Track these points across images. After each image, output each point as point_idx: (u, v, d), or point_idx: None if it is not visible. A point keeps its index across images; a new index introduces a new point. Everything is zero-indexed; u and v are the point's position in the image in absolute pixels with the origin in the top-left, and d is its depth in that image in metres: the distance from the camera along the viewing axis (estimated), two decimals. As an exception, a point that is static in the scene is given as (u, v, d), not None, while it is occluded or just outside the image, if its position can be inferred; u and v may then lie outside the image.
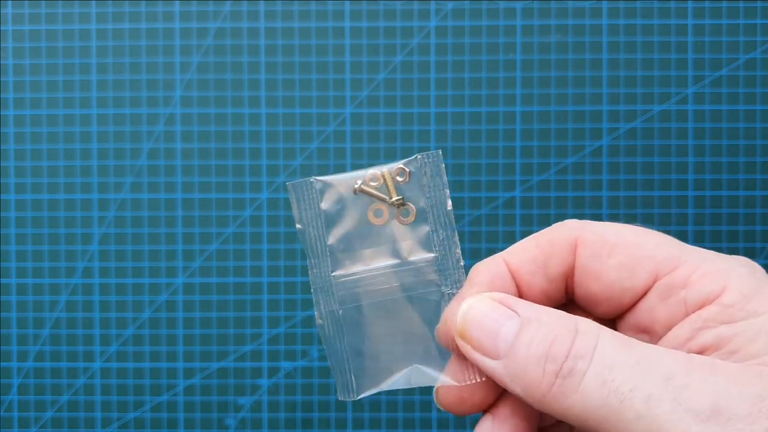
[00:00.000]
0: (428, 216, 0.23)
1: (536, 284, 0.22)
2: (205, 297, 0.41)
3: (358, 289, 0.23)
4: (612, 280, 0.22)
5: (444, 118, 0.41)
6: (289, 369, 0.41)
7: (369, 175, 0.24)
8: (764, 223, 0.40)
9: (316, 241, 0.23)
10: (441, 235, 0.23)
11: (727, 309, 0.20)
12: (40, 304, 0.41)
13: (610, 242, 0.22)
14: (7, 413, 0.41)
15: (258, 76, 0.41)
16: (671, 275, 0.21)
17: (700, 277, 0.21)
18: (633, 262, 0.22)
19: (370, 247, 0.23)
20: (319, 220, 0.23)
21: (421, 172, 0.23)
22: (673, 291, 0.21)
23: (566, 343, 0.20)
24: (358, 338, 0.23)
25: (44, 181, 0.41)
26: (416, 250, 0.23)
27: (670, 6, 0.41)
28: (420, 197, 0.23)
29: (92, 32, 0.41)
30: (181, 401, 0.41)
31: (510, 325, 0.21)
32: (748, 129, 0.40)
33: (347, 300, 0.23)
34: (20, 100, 0.41)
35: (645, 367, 0.19)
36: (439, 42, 0.41)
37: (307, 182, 0.23)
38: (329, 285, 0.23)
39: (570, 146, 0.41)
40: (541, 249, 0.23)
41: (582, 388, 0.19)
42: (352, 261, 0.23)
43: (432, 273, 0.23)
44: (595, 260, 0.22)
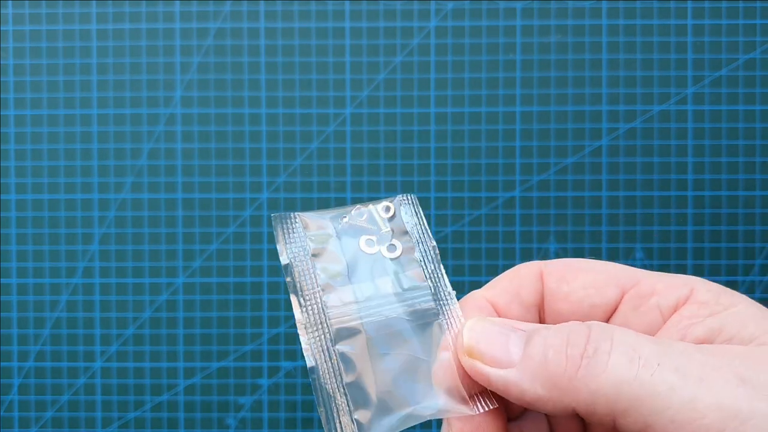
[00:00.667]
0: (415, 251, 0.23)
1: (514, 314, 0.23)
2: (205, 297, 0.41)
3: (354, 323, 0.22)
4: (580, 298, 0.22)
5: (444, 118, 0.41)
6: (289, 368, 0.41)
7: (356, 211, 0.23)
8: (763, 223, 0.40)
9: (305, 275, 0.22)
10: (430, 268, 0.23)
11: (704, 305, 0.21)
12: (40, 303, 0.41)
13: (572, 267, 0.23)
14: (7, 413, 0.41)
15: (258, 77, 0.41)
16: (636, 288, 0.22)
17: (666, 287, 0.22)
18: (598, 280, 0.22)
19: (362, 281, 0.23)
20: (307, 253, 0.22)
21: (401, 212, 0.24)
22: (643, 300, 0.22)
23: (583, 332, 0.20)
24: (356, 378, 0.22)
25: (45, 181, 0.41)
26: (409, 281, 0.23)
27: (669, 6, 0.41)
28: (406, 231, 0.23)
29: (92, 32, 0.41)
30: (181, 401, 0.41)
31: (518, 334, 0.21)
32: (747, 129, 0.40)
33: (343, 335, 0.22)
34: (21, 100, 0.41)
35: (665, 346, 0.19)
36: (439, 42, 0.41)
37: (292, 216, 0.23)
38: (322, 321, 0.22)
39: (570, 146, 0.41)
40: (511, 281, 0.23)
41: (611, 365, 0.19)
42: (344, 294, 0.22)
43: (429, 302, 0.23)
44: (561, 283, 0.23)
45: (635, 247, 0.40)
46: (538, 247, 0.41)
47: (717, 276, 0.40)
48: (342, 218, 0.23)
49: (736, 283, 0.40)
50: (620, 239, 0.40)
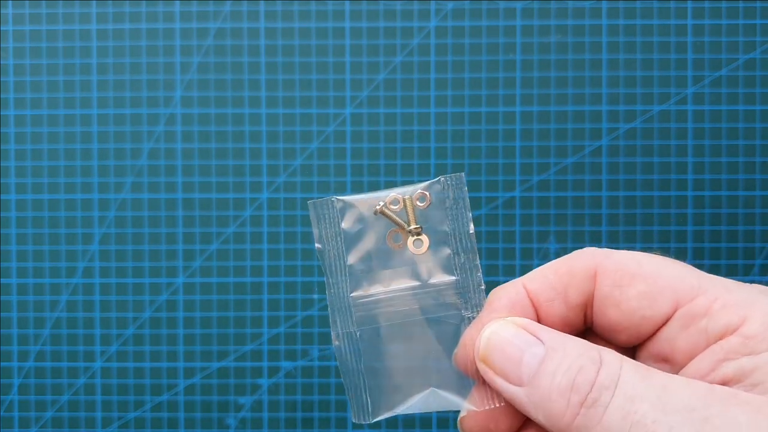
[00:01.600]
0: (450, 239, 0.23)
1: (555, 311, 0.22)
2: (205, 297, 0.41)
3: (376, 310, 0.23)
4: (632, 309, 0.22)
5: (444, 118, 0.41)
6: (289, 368, 0.41)
7: (390, 198, 0.23)
8: (763, 223, 0.40)
9: (335, 260, 0.23)
10: (462, 259, 0.23)
11: (748, 341, 0.20)
12: (40, 303, 0.41)
13: (630, 272, 0.22)
14: (7, 413, 0.41)
15: (258, 77, 0.41)
16: (691, 304, 0.21)
17: (721, 308, 0.21)
18: (653, 291, 0.22)
19: (390, 269, 0.23)
20: (339, 239, 0.23)
21: (443, 195, 0.23)
22: (693, 320, 0.21)
23: (591, 374, 0.20)
24: (375, 360, 0.23)
25: (45, 181, 0.41)
26: (437, 272, 0.23)
27: (669, 6, 0.41)
28: (442, 220, 0.23)
29: (93, 32, 0.41)
30: (181, 401, 0.41)
31: (533, 352, 0.21)
32: (747, 129, 0.40)
33: (365, 321, 0.23)
34: (21, 100, 0.41)
35: (667, 399, 0.19)
36: (438, 42, 0.41)
37: (328, 201, 0.23)
38: (347, 306, 0.23)
39: (569, 146, 0.41)
40: (560, 277, 0.23)
41: (605, 420, 0.19)
42: (371, 282, 0.23)
43: (452, 296, 0.23)
44: (615, 289, 0.22)
45: (635, 247, 0.40)
46: (538, 247, 0.41)
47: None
48: (377, 205, 0.23)
49: (736, 283, 0.40)
50: (620, 239, 0.40)
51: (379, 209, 0.23)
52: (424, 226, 0.23)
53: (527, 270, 0.41)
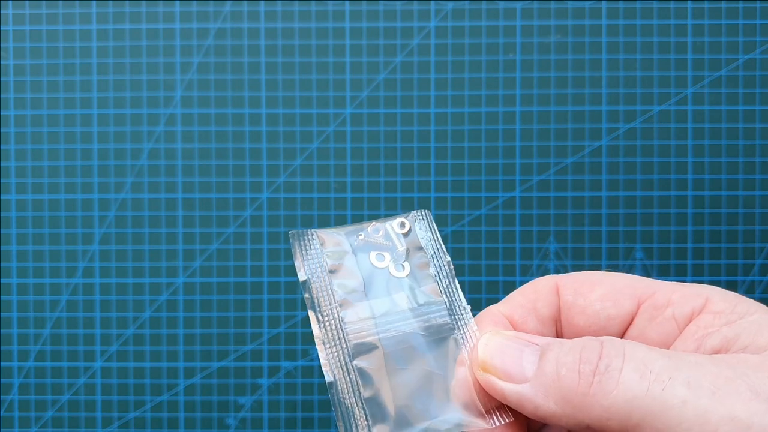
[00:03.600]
0: (430, 266, 0.23)
1: (530, 328, 0.23)
2: (205, 297, 0.41)
3: (371, 338, 0.22)
4: (597, 311, 0.23)
5: (444, 119, 0.41)
6: (289, 368, 0.41)
7: (371, 228, 0.23)
8: (763, 223, 0.40)
9: (322, 291, 0.22)
10: (445, 283, 0.23)
11: (719, 315, 0.21)
12: (40, 303, 0.41)
13: (588, 280, 0.23)
14: (7, 413, 0.41)
15: (258, 77, 0.41)
16: (652, 299, 0.22)
17: (681, 297, 0.22)
18: (614, 292, 0.23)
19: (378, 297, 0.23)
20: (324, 269, 0.23)
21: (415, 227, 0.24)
22: (658, 311, 0.22)
23: (596, 349, 0.20)
24: (375, 393, 0.22)
25: (45, 181, 0.41)
26: (425, 296, 0.23)
27: (669, 6, 0.41)
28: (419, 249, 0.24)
29: (93, 32, 0.41)
30: (181, 401, 0.41)
31: (532, 349, 0.21)
32: (747, 129, 0.40)
33: (361, 351, 0.22)
34: (21, 100, 0.41)
35: (676, 359, 0.19)
36: (438, 42, 0.41)
37: (309, 232, 0.23)
38: (341, 335, 0.22)
39: (569, 146, 0.41)
40: (526, 296, 0.24)
41: (622, 381, 0.19)
42: (361, 310, 0.23)
43: (445, 317, 0.23)
44: (577, 296, 0.23)
45: (635, 247, 0.41)
46: (538, 247, 0.41)
47: (717, 276, 0.40)
48: (358, 235, 0.23)
49: (735, 283, 0.40)
50: (620, 239, 0.41)
51: (362, 238, 0.23)
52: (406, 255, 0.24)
53: (527, 270, 0.41)
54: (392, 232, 0.24)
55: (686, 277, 0.40)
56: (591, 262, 0.41)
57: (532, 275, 0.41)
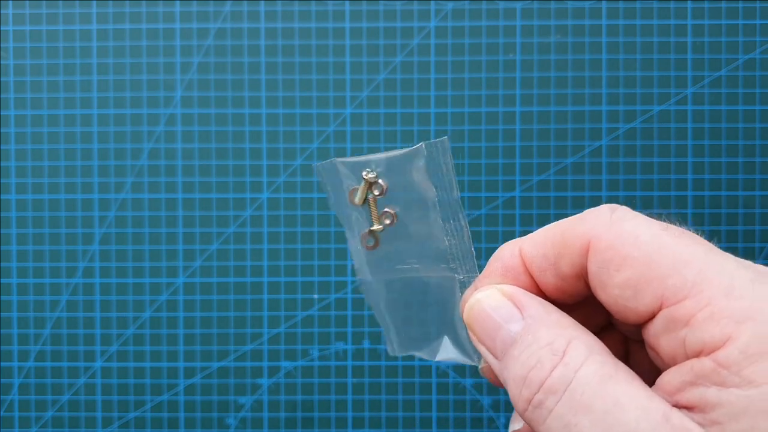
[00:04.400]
0: (436, 205, 0.23)
1: (549, 281, 0.21)
2: (205, 297, 0.41)
3: (384, 265, 0.24)
4: (615, 296, 0.20)
5: (444, 119, 0.41)
6: (289, 368, 0.41)
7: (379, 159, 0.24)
8: (763, 223, 0.40)
9: (346, 218, 0.24)
10: (450, 224, 0.23)
11: (720, 369, 0.18)
12: (41, 303, 0.41)
13: (620, 254, 0.19)
14: (7, 413, 0.41)
15: (258, 77, 0.41)
16: (677, 306, 0.18)
17: (705, 320, 0.18)
18: (640, 281, 0.19)
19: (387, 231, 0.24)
20: (346, 200, 0.24)
21: (428, 161, 0.23)
22: (675, 327, 0.19)
23: (544, 372, 0.19)
24: (393, 306, 0.24)
25: (45, 181, 0.41)
26: (432, 237, 0.24)
27: (669, 6, 0.41)
28: (428, 187, 0.23)
29: (93, 32, 0.41)
30: (181, 400, 0.41)
31: (509, 328, 0.21)
32: (747, 129, 0.40)
33: (378, 273, 0.24)
34: (21, 100, 0.41)
35: (612, 419, 0.18)
36: (438, 42, 0.41)
37: (332, 164, 0.23)
38: (362, 258, 0.24)
39: (569, 146, 0.41)
40: (552, 246, 0.21)
41: (547, 424, 0.19)
42: (377, 238, 0.24)
43: (446, 259, 0.24)
44: (601, 271, 0.20)
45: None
46: (538, 247, 0.41)
47: (717, 276, 0.40)
48: (369, 168, 0.24)
49: (735, 283, 0.40)
50: (620, 239, 0.40)
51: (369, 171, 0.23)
52: (410, 194, 0.24)
53: (527, 270, 0.41)
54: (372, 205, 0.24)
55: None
56: (591, 262, 0.41)
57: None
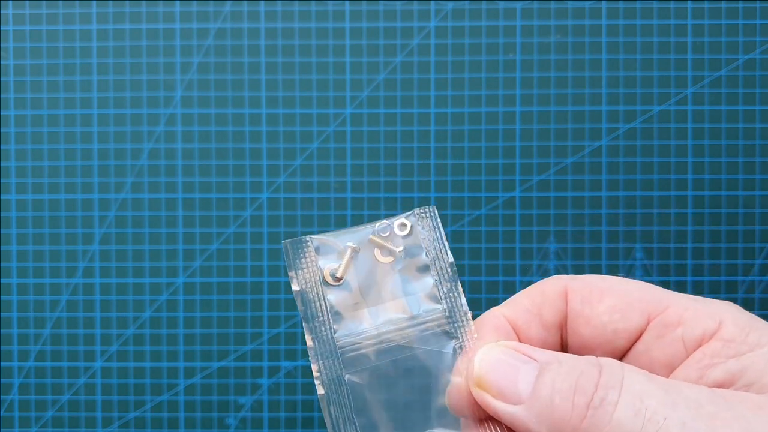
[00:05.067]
0: (431, 269, 0.23)
1: (534, 334, 0.22)
2: (205, 296, 0.41)
3: (364, 350, 0.22)
4: (604, 324, 0.22)
5: (444, 119, 0.41)
6: (289, 368, 0.41)
7: (379, 226, 0.22)
8: (763, 223, 0.40)
9: (315, 302, 0.22)
10: (446, 287, 0.23)
11: (729, 343, 0.20)
12: (40, 303, 0.41)
13: (598, 288, 0.22)
14: (7, 413, 0.41)
15: (258, 77, 0.41)
16: (663, 315, 0.21)
17: (693, 316, 0.21)
18: (624, 304, 0.22)
19: (375, 305, 0.22)
20: (318, 279, 0.22)
21: (418, 227, 0.23)
22: (668, 329, 0.21)
23: (593, 376, 0.19)
24: (366, 406, 0.21)
25: (45, 181, 0.41)
26: (423, 302, 0.22)
27: (669, 6, 0.41)
28: (420, 251, 0.23)
29: (93, 32, 0.41)
30: (181, 400, 0.41)
31: (529, 368, 0.20)
32: (747, 129, 0.41)
33: (354, 363, 0.22)
34: (21, 100, 0.41)
35: (674, 396, 0.18)
36: (438, 42, 0.41)
37: (302, 240, 0.22)
38: (332, 349, 0.22)
39: (569, 146, 0.41)
40: (532, 299, 0.23)
41: (615, 418, 0.18)
42: (355, 320, 0.22)
43: (442, 325, 0.22)
44: (585, 305, 0.22)
45: (635, 247, 0.41)
46: (538, 246, 0.41)
47: (717, 276, 0.40)
48: (353, 240, 0.22)
49: (735, 283, 0.40)
50: (620, 239, 0.41)
51: (353, 245, 0.22)
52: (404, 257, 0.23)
53: (527, 270, 0.41)
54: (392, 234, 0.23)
55: (686, 277, 0.41)
56: (591, 262, 0.41)
57: (532, 275, 0.41)
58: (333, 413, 0.21)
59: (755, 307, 0.40)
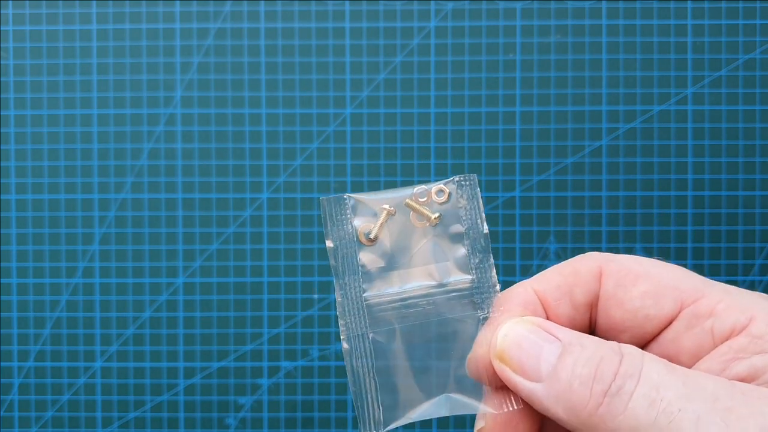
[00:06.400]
0: (464, 238, 0.23)
1: (563, 312, 0.22)
2: (205, 297, 0.41)
3: (391, 311, 0.22)
4: (636, 308, 0.22)
5: (444, 119, 0.41)
6: (289, 368, 0.41)
7: (417, 190, 0.23)
8: (763, 223, 0.40)
9: (347, 258, 0.22)
10: (477, 258, 0.23)
11: (757, 340, 0.20)
12: (40, 303, 0.41)
13: (633, 272, 0.22)
14: (7, 413, 0.41)
15: (258, 77, 0.41)
16: (696, 305, 0.21)
17: (726, 308, 0.21)
18: (658, 291, 0.22)
19: (405, 268, 0.22)
20: (352, 237, 0.22)
21: (457, 195, 0.23)
22: (699, 320, 0.21)
23: (613, 364, 0.19)
24: (387, 364, 0.22)
25: (45, 181, 0.41)
26: (452, 272, 0.23)
27: (669, 6, 0.41)
28: (456, 220, 0.23)
29: (93, 32, 0.41)
30: (181, 401, 0.41)
31: (552, 347, 0.20)
32: (747, 129, 0.41)
33: (379, 323, 0.22)
34: (21, 100, 0.41)
35: (691, 388, 0.19)
36: (438, 42, 0.41)
37: (340, 198, 0.22)
38: (360, 306, 0.22)
39: (569, 146, 0.41)
40: (565, 277, 0.23)
41: (630, 407, 0.19)
42: (384, 282, 0.22)
43: (469, 296, 0.22)
44: (619, 288, 0.22)
45: (635, 246, 0.41)
46: (538, 246, 0.41)
47: (716, 276, 0.40)
48: (390, 202, 0.22)
49: (736, 282, 0.40)
50: (620, 239, 0.41)
51: (390, 207, 0.22)
52: (439, 224, 0.23)
53: (527, 270, 0.41)
54: (429, 200, 0.23)
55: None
56: (591, 262, 0.41)
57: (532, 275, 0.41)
58: (354, 366, 0.22)
59: (755, 307, 0.40)
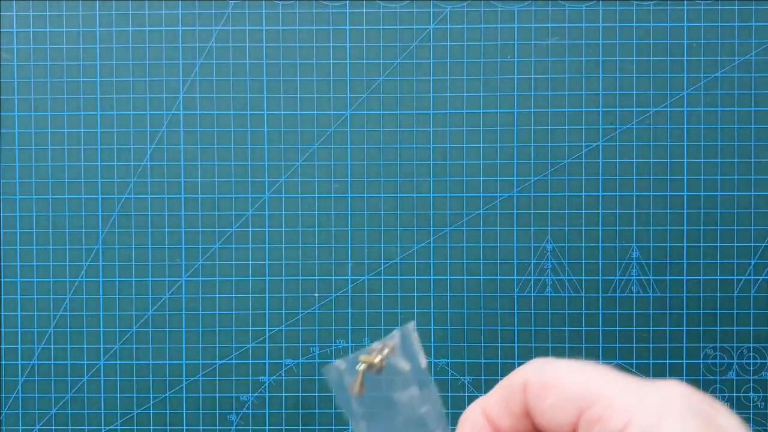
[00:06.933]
0: (413, 379, 0.26)
1: (505, 424, 0.25)
2: (207, 295, 0.41)
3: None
4: (549, 419, 0.24)
5: (443, 119, 0.41)
6: (290, 365, 0.41)
7: (365, 358, 0.26)
8: (758, 223, 0.41)
9: (350, 413, 0.26)
10: (425, 392, 0.26)
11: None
12: (45, 302, 0.41)
13: (546, 384, 0.24)
14: (12, 410, 0.41)
15: (260, 78, 0.41)
16: (590, 411, 0.22)
17: (611, 413, 0.22)
18: (562, 401, 0.23)
19: (389, 411, 0.26)
20: (348, 395, 0.26)
21: (400, 345, 0.26)
22: (591, 426, 0.22)
23: None
24: None
25: (49, 181, 0.42)
26: (417, 407, 0.26)
27: (665, 8, 0.41)
28: (403, 365, 0.26)
29: (96, 34, 0.42)
30: (184, 398, 0.41)
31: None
32: (742, 130, 0.41)
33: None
34: (25, 101, 0.42)
35: None
36: (437, 44, 0.41)
37: (333, 366, 0.26)
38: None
39: (567, 147, 0.41)
40: (501, 393, 0.25)
41: None
42: (380, 426, 0.26)
43: (431, 422, 0.26)
44: (536, 400, 0.24)
45: (631, 246, 0.41)
46: (535, 246, 0.41)
47: (713, 275, 0.41)
48: (359, 366, 0.26)
49: (732, 282, 0.41)
50: (616, 239, 0.41)
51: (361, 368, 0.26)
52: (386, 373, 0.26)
53: (524, 269, 0.41)
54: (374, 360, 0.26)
55: (682, 276, 0.41)
56: (588, 261, 0.41)
57: (530, 274, 0.41)
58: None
59: (751, 306, 0.41)
